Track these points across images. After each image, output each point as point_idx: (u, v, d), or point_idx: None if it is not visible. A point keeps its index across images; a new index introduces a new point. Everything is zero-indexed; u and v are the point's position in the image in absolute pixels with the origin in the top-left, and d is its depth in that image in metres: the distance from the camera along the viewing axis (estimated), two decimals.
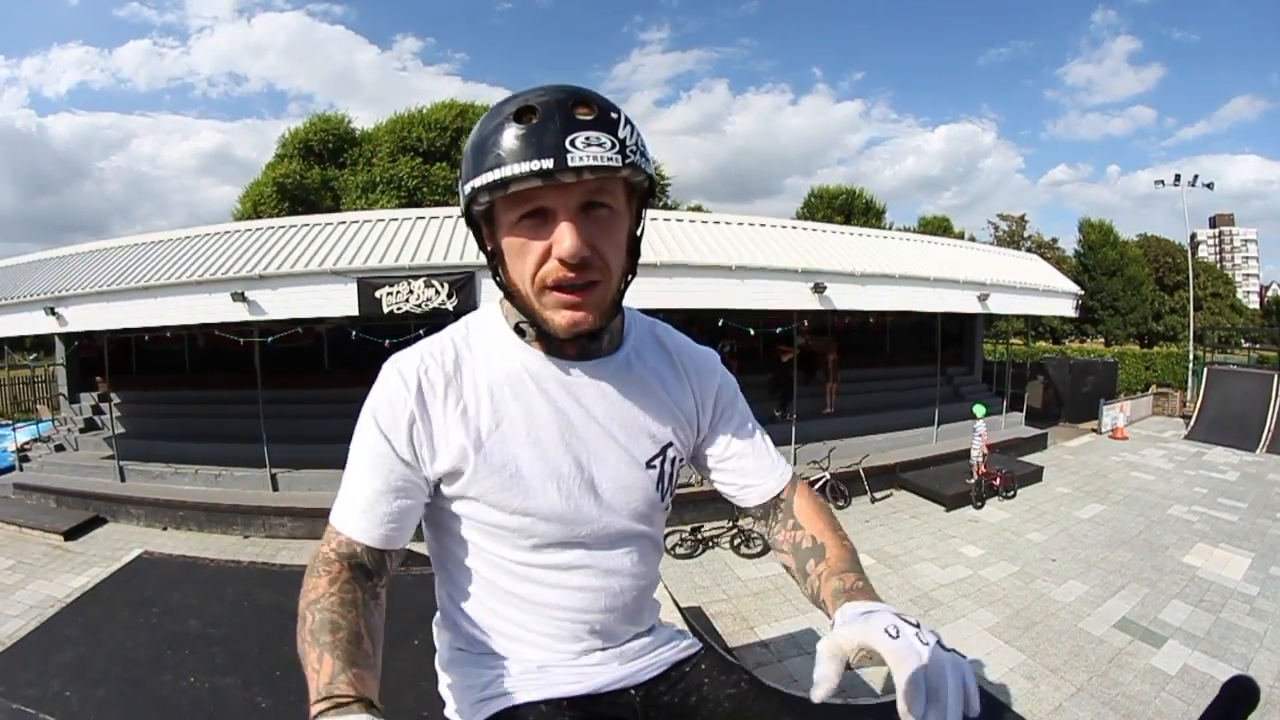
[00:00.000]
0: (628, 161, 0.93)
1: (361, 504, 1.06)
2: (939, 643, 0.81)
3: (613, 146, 0.91)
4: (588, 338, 1.05)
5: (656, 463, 1.20)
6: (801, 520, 1.24)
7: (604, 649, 1.27)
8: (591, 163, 0.89)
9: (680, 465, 1.26)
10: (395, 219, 11.52)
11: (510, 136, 0.90)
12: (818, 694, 0.80)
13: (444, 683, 1.33)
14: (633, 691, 1.29)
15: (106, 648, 2.75)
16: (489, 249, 1.05)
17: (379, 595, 1.06)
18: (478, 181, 0.93)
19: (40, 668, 2.63)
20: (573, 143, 0.88)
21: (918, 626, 0.83)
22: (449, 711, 1.29)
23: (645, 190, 1.05)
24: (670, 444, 1.22)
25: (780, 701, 1.31)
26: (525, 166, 0.88)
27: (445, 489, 1.13)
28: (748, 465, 1.29)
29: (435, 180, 24.81)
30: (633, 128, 0.96)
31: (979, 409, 11.75)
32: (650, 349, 1.25)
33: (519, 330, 1.13)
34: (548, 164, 0.88)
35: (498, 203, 0.97)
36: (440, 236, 10.79)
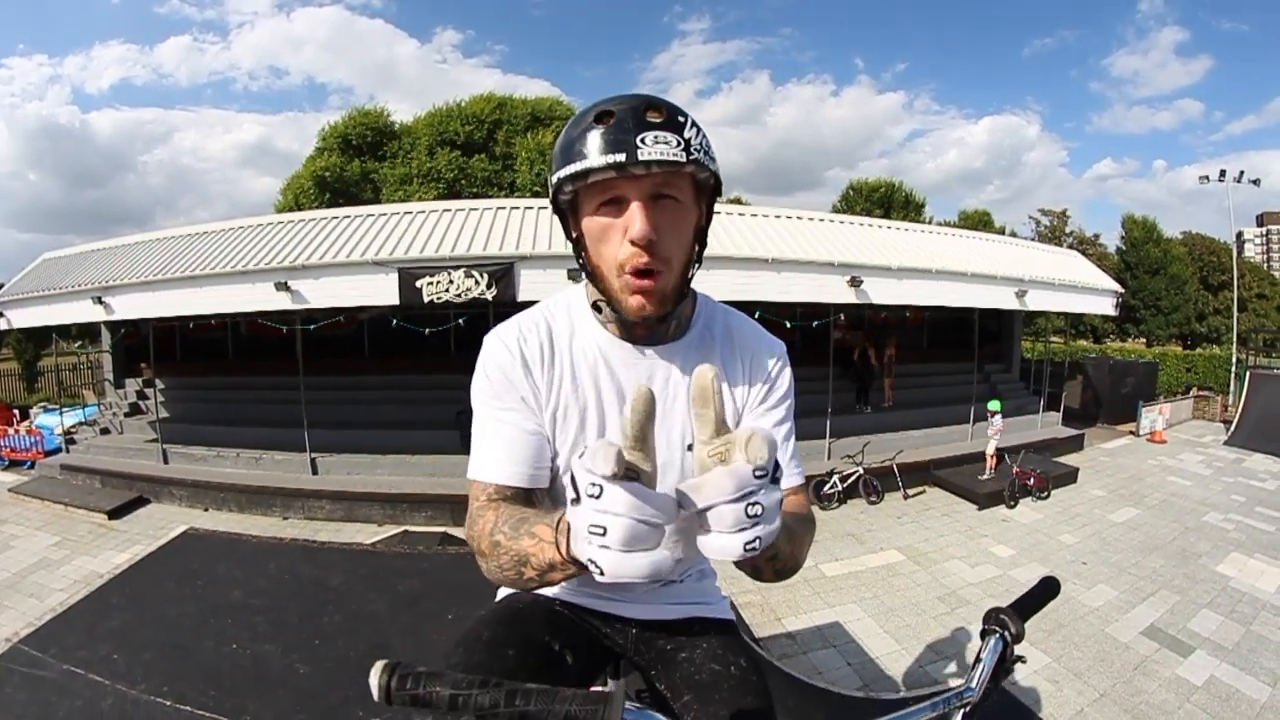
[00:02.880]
0: (691, 158, 1.06)
1: (501, 453, 1.19)
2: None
3: (678, 145, 1.04)
4: (656, 320, 1.17)
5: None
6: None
7: (617, 592, 1.42)
8: (658, 157, 1.03)
9: None
10: (435, 210, 11.75)
11: (592, 136, 1.05)
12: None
13: None
14: (632, 624, 1.44)
15: (152, 615, 2.88)
16: (574, 235, 1.19)
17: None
18: (563, 173, 1.08)
19: (89, 633, 2.77)
20: (642, 140, 1.02)
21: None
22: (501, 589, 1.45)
23: (711, 188, 1.19)
24: None
25: (748, 695, 1.34)
26: (602, 160, 1.03)
27: None
28: None
29: (474, 173, 24.97)
30: (699, 130, 1.09)
31: (994, 404, 11.70)
32: (716, 338, 1.36)
33: (596, 307, 1.27)
34: (620, 158, 1.02)
35: (580, 192, 1.12)
36: (480, 228, 10.95)
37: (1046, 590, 1.18)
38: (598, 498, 0.74)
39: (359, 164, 25.85)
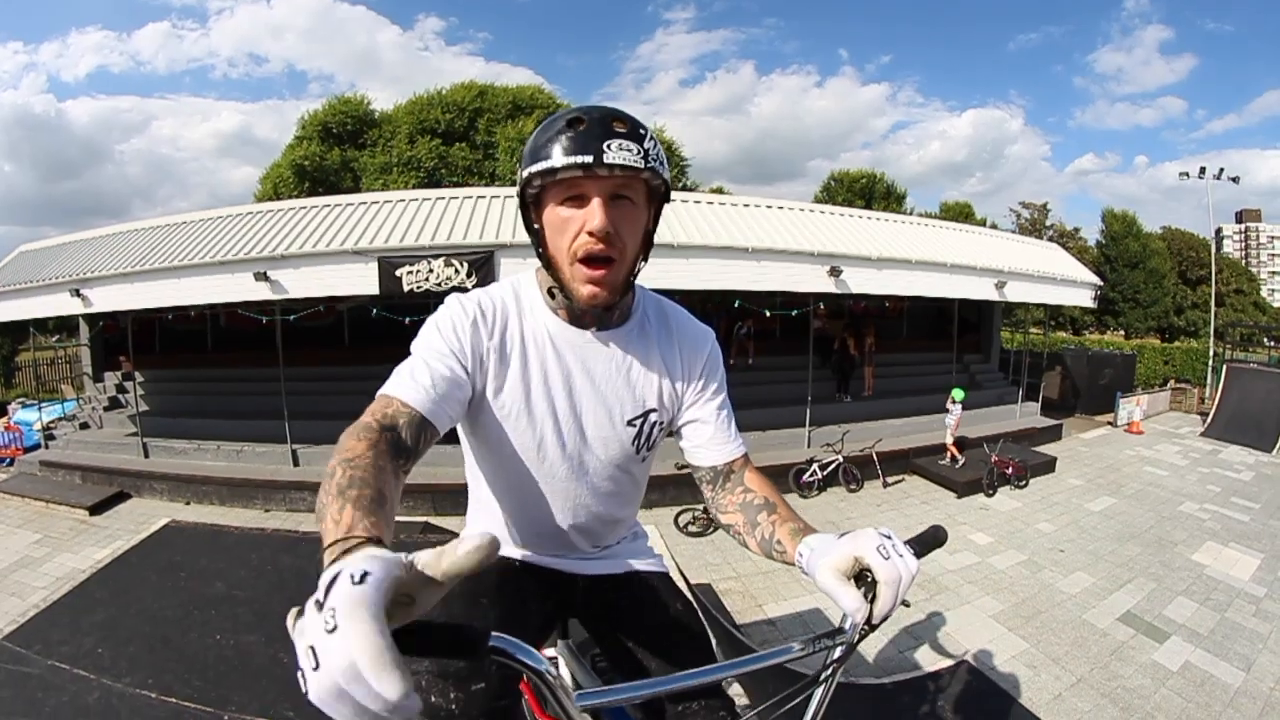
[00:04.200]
0: (648, 166, 1.18)
1: (421, 377, 1.23)
2: (911, 553, 1.10)
3: (638, 153, 1.17)
4: (602, 309, 1.32)
5: (637, 422, 1.46)
6: (751, 486, 1.44)
7: (572, 551, 1.59)
8: (620, 162, 1.15)
9: (662, 428, 1.51)
10: (415, 199, 11.69)
11: (563, 138, 1.16)
12: (859, 617, 1.04)
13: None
14: (581, 580, 1.61)
15: (136, 608, 2.88)
16: (535, 227, 1.29)
17: (402, 477, 1.11)
18: (535, 168, 1.19)
19: (73, 627, 2.76)
20: (608, 146, 1.14)
21: (890, 538, 1.09)
22: None
23: (662, 194, 1.31)
24: (653, 410, 1.47)
25: (691, 634, 1.53)
26: (572, 159, 1.15)
27: (473, 408, 1.36)
28: (707, 432, 1.50)
29: (454, 161, 24.83)
30: (655, 143, 1.22)
31: (957, 393, 11.86)
32: (654, 324, 1.49)
33: (550, 293, 1.38)
34: (588, 159, 1.14)
35: (547, 188, 1.22)
36: (460, 216, 10.92)
37: (934, 538, 1.24)
38: (326, 615, 0.61)
39: (339, 153, 25.64)
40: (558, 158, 1.15)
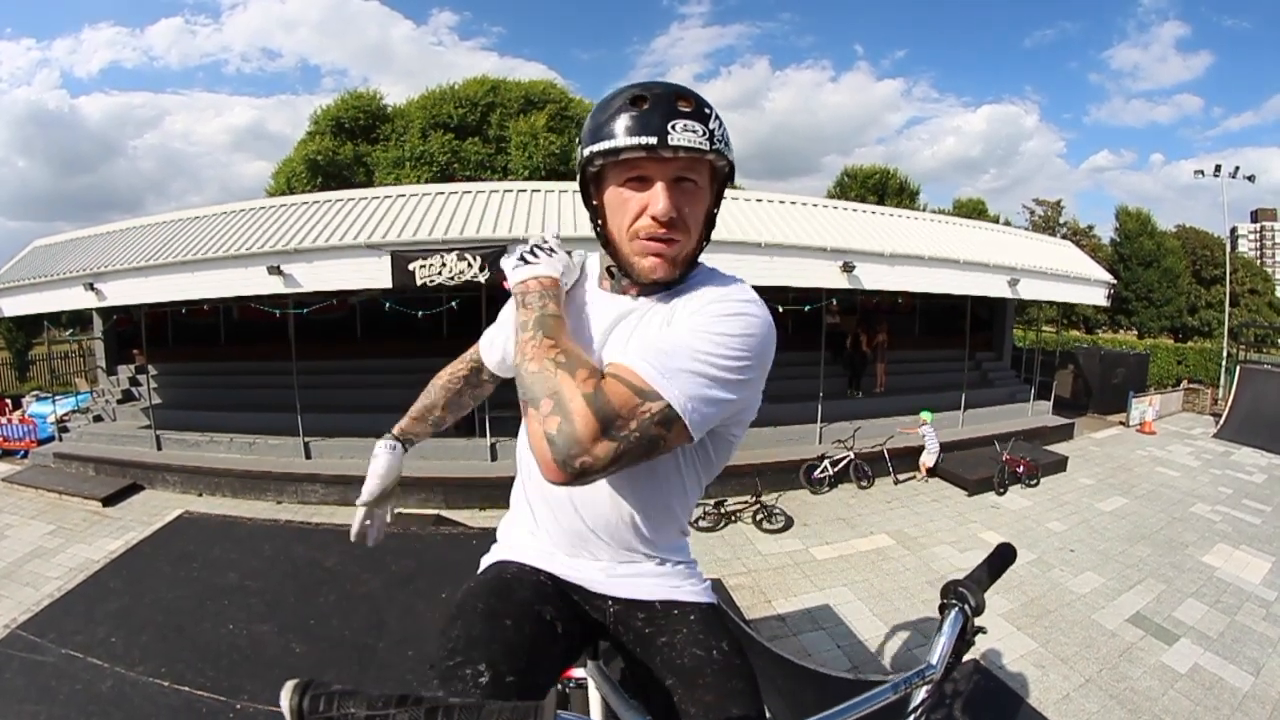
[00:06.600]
0: (713, 147, 1.15)
1: (493, 338, 1.62)
2: None
3: (703, 134, 1.14)
4: (665, 286, 1.28)
5: None
6: None
7: (596, 558, 1.42)
8: (685, 144, 1.12)
9: None
10: (428, 194, 11.75)
11: (626, 116, 1.14)
12: None
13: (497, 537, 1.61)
14: (610, 601, 1.41)
15: (150, 598, 2.90)
16: (594, 204, 1.27)
17: (483, 384, 1.73)
18: (596, 147, 1.17)
19: (87, 616, 2.79)
20: (673, 127, 1.12)
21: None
22: (485, 558, 1.55)
23: (725, 175, 1.27)
24: None
25: (734, 679, 1.27)
26: (634, 140, 1.12)
27: None
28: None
29: (467, 156, 24.83)
30: (721, 122, 1.19)
31: (926, 414, 11.83)
32: (690, 288, 1.34)
33: (609, 272, 1.37)
34: (652, 140, 1.11)
35: (608, 167, 1.20)
36: (473, 211, 10.96)
37: (1004, 558, 1.25)
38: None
39: (351, 147, 25.67)
40: (620, 137, 1.13)
